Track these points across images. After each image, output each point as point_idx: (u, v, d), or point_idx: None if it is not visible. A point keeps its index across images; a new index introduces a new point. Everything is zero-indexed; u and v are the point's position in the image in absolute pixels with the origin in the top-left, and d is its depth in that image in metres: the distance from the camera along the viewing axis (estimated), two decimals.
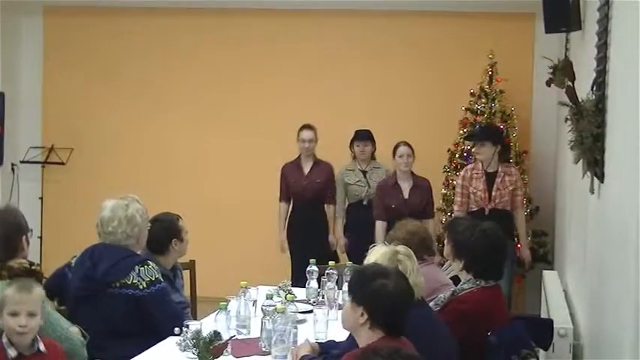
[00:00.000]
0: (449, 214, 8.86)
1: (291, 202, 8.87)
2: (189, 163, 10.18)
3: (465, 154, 9.03)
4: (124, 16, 10.28)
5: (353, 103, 9.86)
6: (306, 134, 8.74)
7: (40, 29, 10.47)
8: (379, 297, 3.67)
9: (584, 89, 4.94)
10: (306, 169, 8.79)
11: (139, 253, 5.03)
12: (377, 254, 4.34)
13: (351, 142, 8.80)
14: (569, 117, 4.68)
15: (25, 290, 4.03)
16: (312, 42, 10.02)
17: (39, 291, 4.09)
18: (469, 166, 8.24)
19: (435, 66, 9.72)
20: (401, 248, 4.40)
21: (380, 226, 8.22)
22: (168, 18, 10.20)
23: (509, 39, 9.49)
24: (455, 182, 8.70)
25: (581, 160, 4.66)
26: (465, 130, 9.11)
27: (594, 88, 4.59)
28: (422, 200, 8.20)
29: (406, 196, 8.21)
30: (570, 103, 4.62)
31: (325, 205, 8.87)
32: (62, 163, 10.17)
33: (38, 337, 4.06)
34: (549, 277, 7.17)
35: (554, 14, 6.26)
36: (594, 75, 4.71)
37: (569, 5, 6.07)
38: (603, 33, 4.41)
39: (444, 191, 9.03)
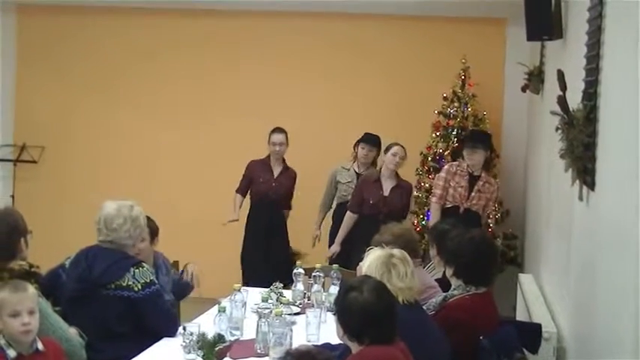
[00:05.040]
0: (421, 215, 8.99)
1: (251, 201, 8.87)
2: (161, 163, 10.20)
3: (438, 157, 9.15)
4: (99, 17, 10.30)
5: (326, 105, 9.95)
6: (277, 137, 8.72)
7: (13, 28, 10.44)
8: (349, 311, 3.74)
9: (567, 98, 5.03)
10: (276, 171, 8.78)
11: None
12: (372, 257, 4.40)
13: (357, 142, 8.76)
14: (559, 126, 4.78)
15: (21, 289, 4.04)
16: (285, 43, 10.09)
17: (33, 289, 4.11)
18: (454, 163, 8.31)
19: (408, 70, 9.83)
20: (396, 252, 4.43)
21: (349, 217, 8.33)
22: (140, 18, 10.21)
23: (481, 44, 9.63)
24: (431, 181, 8.84)
25: (570, 168, 4.76)
26: (437, 134, 9.23)
27: (584, 98, 4.69)
28: (401, 201, 8.22)
29: (386, 194, 8.19)
30: (561, 113, 4.72)
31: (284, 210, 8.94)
32: (34, 162, 10.16)
33: (37, 336, 4.07)
34: (525, 280, 7.28)
35: (536, 23, 6.36)
36: (583, 85, 4.82)
37: (550, 14, 6.18)
38: (595, 45, 4.51)
39: (416, 193, 9.12)
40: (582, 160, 4.54)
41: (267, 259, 8.60)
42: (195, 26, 10.19)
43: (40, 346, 4.05)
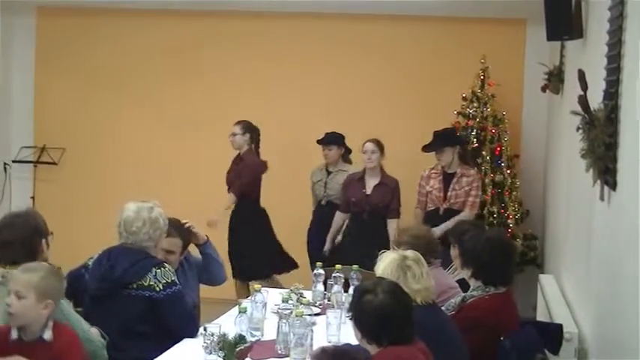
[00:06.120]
0: None
1: None
2: (181, 164, 10.21)
3: None
4: (116, 18, 10.32)
5: (345, 106, 9.94)
6: (231, 128, 8.84)
7: (32, 29, 10.53)
8: (366, 314, 3.76)
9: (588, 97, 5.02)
10: (236, 162, 8.93)
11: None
12: (386, 260, 4.40)
13: None
14: (580, 126, 4.77)
15: (19, 271, 4.09)
16: (300, 45, 10.12)
17: (35, 276, 4.05)
18: (430, 167, 8.41)
19: (427, 70, 9.81)
20: (410, 253, 4.46)
21: (338, 216, 8.47)
22: (160, 20, 10.24)
23: (501, 44, 9.59)
24: None
25: (591, 169, 4.74)
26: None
27: (606, 98, 4.68)
28: (384, 198, 8.25)
29: (368, 192, 8.28)
30: (582, 112, 4.70)
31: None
32: (54, 163, 10.23)
33: (50, 324, 4.07)
34: (545, 280, 7.26)
35: (556, 22, 6.34)
36: (604, 85, 4.80)
37: (570, 14, 6.16)
38: (616, 44, 4.50)
39: None
40: (603, 160, 4.52)
41: (232, 252, 8.67)
42: (216, 26, 10.21)
43: (46, 335, 4.05)
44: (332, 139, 8.86)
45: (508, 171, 9.04)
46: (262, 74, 10.12)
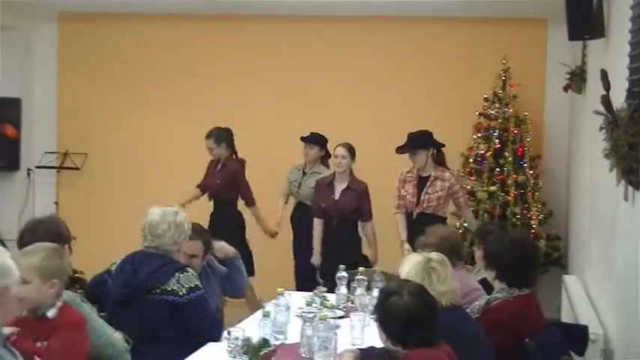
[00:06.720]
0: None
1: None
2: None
3: (479, 159, 9.10)
4: (138, 23, 10.35)
5: (366, 108, 9.94)
6: (205, 143, 8.89)
7: (54, 35, 10.57)
8: (391, 316, 3.75)
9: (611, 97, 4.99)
10: (217, 169, 8.97)
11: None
12: (410, 263, 4.39)
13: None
14: (603, 126, 4.74)
15: (18, 255, 4.07)
16: (326, 47, 10.11)
17: (36, 258, 4.07)
18: (405, 170, 8.26)
19: (448, 71, 9.79)
20: (434, 255, 4.44)
21: (316, 223, 8.36)
22: (182, 24, 10.24)
23: (522, 44, 9.56)
24: (473, 183, 8.94)
25: (614, 168, 4.71)
26: (478, 135, 9.20)
27: (628, 97, 4.65)
28: (352, 203, 8.18)
29: (337, 197, 8.20)
30: (605, 112, 4.68)
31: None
32: (77, 168, 10.27)
33: (59, 304, 4.09)
34: (570, 281, 7.22)
35: (578, 22, 6.31)
36: (627, 84, 4.78)
37: (592, 13, 6.13)
38: (639, 43, 4.48)
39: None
40: (627, 159, 4.49)
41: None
42: (243, 31, 10.22)
43: (50, 313, 4.07)
44: (315, 139, 8.88)
45: (531, 171, 9.02)
46: (285, 76, 10.15)
